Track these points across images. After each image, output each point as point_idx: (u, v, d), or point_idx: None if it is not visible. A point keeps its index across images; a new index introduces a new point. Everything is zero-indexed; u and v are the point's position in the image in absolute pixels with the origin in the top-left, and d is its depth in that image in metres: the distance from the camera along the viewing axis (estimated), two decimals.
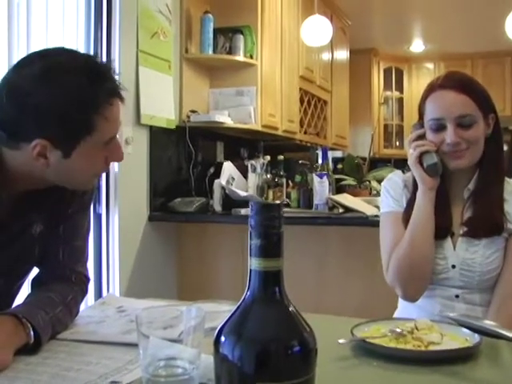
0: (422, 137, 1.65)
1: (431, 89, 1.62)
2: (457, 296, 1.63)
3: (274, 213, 0.65)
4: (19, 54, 2.55)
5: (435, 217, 1.62)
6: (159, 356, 0.88)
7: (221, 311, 1.26)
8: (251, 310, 0.66)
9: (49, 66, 1.19)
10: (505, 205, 1.62)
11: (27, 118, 1.18)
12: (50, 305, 1.26)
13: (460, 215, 1.65)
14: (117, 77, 1.27)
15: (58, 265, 1.42)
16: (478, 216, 1.61)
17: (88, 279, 1.50)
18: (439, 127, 1.60)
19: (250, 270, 0.66)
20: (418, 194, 1.63)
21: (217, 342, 0.66)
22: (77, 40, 2.92)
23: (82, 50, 2.91)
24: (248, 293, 0.66)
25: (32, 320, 1.15)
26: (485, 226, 1.60)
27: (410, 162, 1.64)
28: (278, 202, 0.67)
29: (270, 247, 0.65)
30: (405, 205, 1.70)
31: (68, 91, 1.17)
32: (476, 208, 1.63)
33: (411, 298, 1.67)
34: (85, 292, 1.47)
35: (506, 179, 1.68)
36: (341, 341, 1.11)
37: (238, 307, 0.66)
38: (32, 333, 1.13)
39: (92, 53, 2.98)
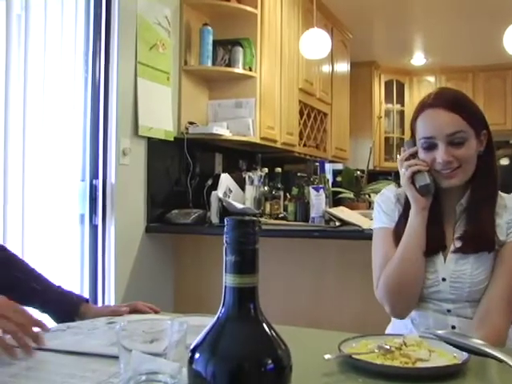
0: (414, 155, 1.65)
1: (422, 107, 1.62)
2: (449, 310, 1.62)
3: (248, 229, 0.65)
4: (18, 65, 2.56)
5: (427, 233, 1.61)
6: (140, 370, 0.88)
7: (206, 325, 1.26)
8: (225, 326, 0.65)
9: None
10: (496, 218, 1.61)
11: None
12: None
13: (452, 230, 1.64)
14: None
15: None
16: (470, 233, 1.60)
17: None
18: (430, 146, 1.59)
19: (225, 287, 0.66)
20: (411, 213, 1.63)
21: (191, 358, 0.65)
22: (75, 51, 2.93)
23: (80, 61, 2.93)
24: (222, 309, 0.66)
25: None
26: (476, 243, 1.59)
27: (403, 182, 1.65)
28: (253, 218, 0.67)
29: (245, 263, 0.65)
30: (397, 219, 1.70)
31: None
32: (468, 225, 1.62)
33: (399, 315, 1.68)
34: None
35: (500, 194, 1.67)
36: (327, 356, 1.10)
37: (213, 324, 0.66)
38: None
39: (90, 64, 2.99)
